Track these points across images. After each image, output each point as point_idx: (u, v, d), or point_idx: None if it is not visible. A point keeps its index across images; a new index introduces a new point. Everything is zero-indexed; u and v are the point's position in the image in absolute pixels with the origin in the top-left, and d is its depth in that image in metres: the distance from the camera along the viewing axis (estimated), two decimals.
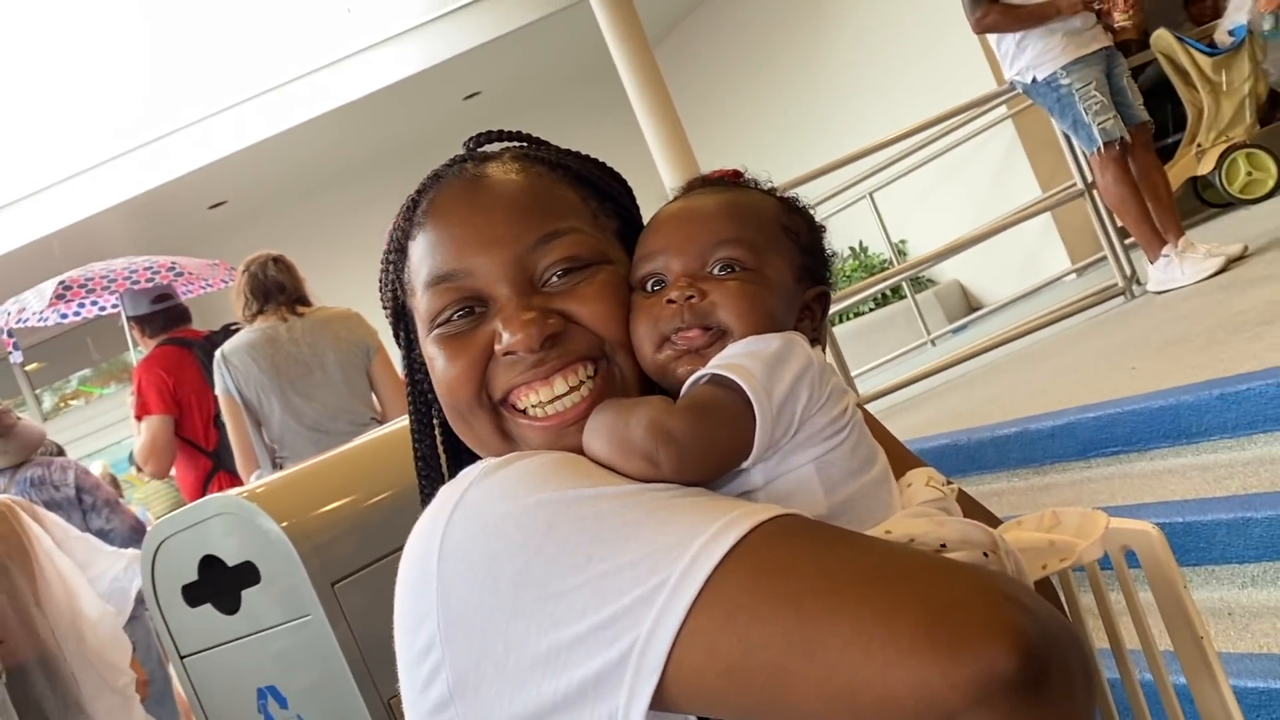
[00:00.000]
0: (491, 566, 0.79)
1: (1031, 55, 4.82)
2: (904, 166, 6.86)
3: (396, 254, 0.99)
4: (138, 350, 4.77)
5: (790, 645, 0.69)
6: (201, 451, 4.36)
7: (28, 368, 11.59)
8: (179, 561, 2.53)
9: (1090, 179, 5.34)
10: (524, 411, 0.92)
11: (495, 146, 1.02)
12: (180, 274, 5.06)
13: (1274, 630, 2.42)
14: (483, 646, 0.79)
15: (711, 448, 0.83)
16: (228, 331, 4.17)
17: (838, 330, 6.14)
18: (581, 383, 0.91)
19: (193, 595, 2.54)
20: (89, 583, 3.21)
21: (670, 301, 0.90)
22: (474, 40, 8.76)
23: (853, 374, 5.36)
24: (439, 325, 0.94)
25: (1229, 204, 6.75)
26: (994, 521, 1.03)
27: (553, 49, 9.25)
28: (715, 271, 0.91)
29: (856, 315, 8.30)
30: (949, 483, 0.90)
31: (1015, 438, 3.59)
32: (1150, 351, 3.89)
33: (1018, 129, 7.28)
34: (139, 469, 4.92)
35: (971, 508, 1.00)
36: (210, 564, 2.48)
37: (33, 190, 8.61)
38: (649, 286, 0.93)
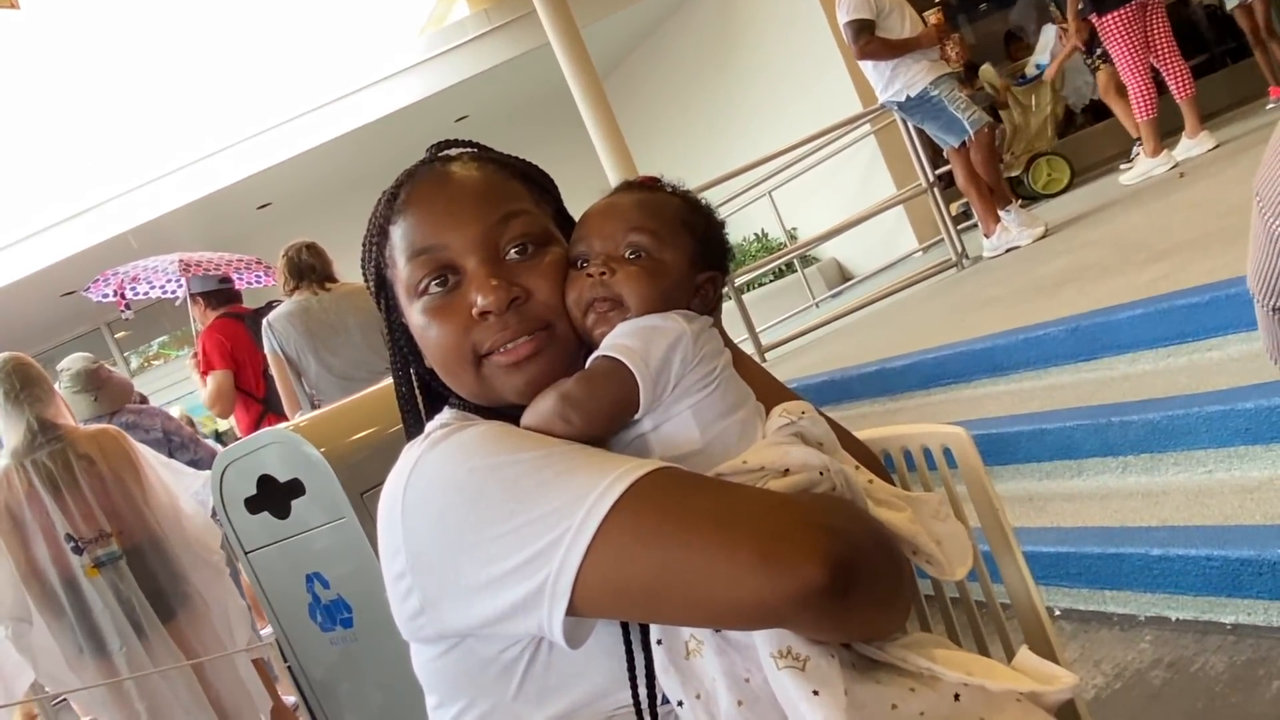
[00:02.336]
0: (441, 518, 0.80)
1: (905, 79, 4.85)
2: (795, 171, 6.86)
3: (379, 236, 0.94)
4: (196, 324, 4.67)
5: (661, 574, 0.72)
6: (254, 398, 4.30)
7: (116, 335, 11.34)
8: (241, 480, 2.51)
9: (931, 180, 5.40)
10: (496, 351, 0.88)
11: (453, 151, 0.98)
12: (269, 269, 4.96)
13: (1061, 510, 2.50)
14: (440, 576, 0.80)
15: (604, 406, 0.83)
16: (269, 307, 4.11)
17: (746, 297, 6.11)
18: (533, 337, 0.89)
19: (253, 505, 2.51)
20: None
21: (589, 275, 0.89)
22: (462, 75, 8.63)
23: (758, 329, 5.38)
24: (421, 295, 0.90)
25: (1034, 198, 6.85)
26: (868, 453, 1.01)
27: (524, 81, 9.11)
28: (626, 255, 0.90)
29: (760, 285, 8.32)
30: (804, 412, 0.88)
31: (875, 374, 3.64)
32: (975, 307, 3.94)
33: (878, 142, 7.31)
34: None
35: (848, 439, 0.99)
36: (266, 481, 2.46)
37: (115, 194, 8.39)
38: (579, 263, 0.91)
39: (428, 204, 0.91)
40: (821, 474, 0.81)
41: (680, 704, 0.77)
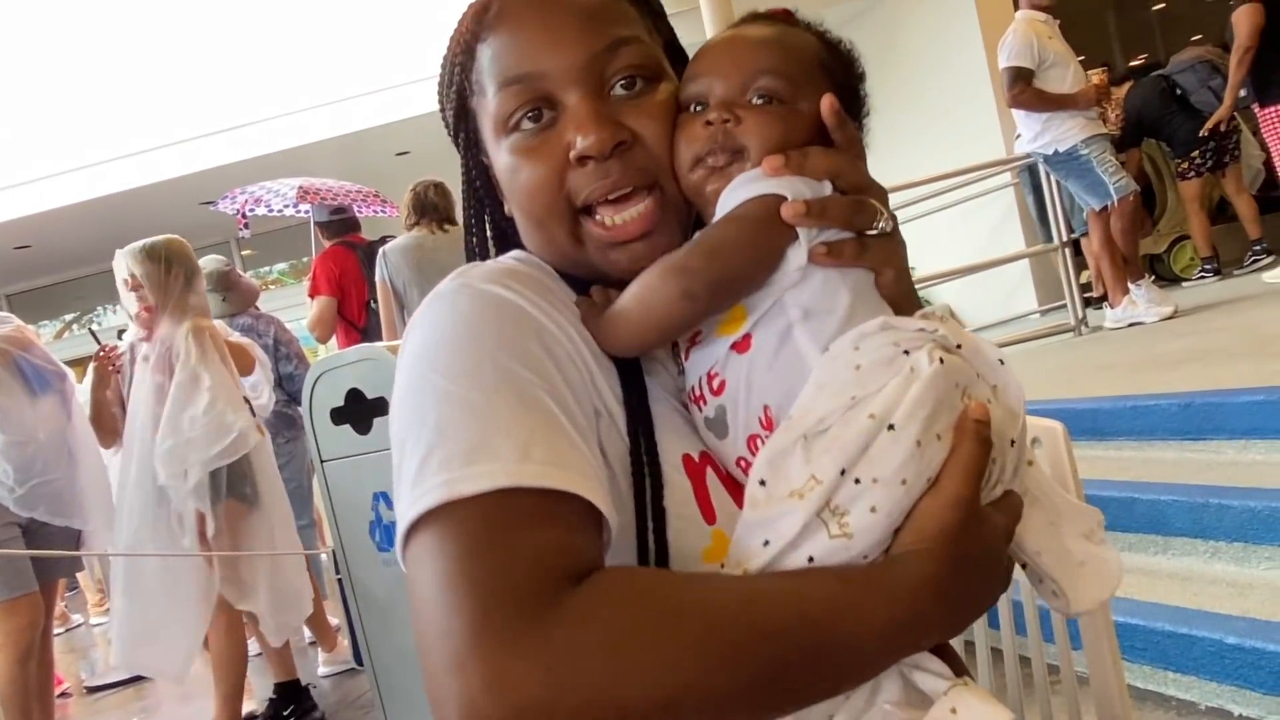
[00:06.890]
0: (397, 400, 0.70)
1: (1055, 132, 4.74)
2: (923, 209, 6.74)
3: (464, 55, 0.80)
4: (315, 247, 4.87)
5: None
6: (355, 327, 4.43)
7: (243, 252, 11.82)
8: (332, 390, 2.59)
9: (1064, 239, 5.24)
10: (600, 222, 0.76)
11: None
12: (385, 202, 5.16)
13: (1137, 585, 2.38)
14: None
15: (726, 267, 0.70)
16: (383, 241, 4.26)
17: None
18: (643, 203, 0.76)
19: (338, 416, 2.59)
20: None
21: (708, 123, 0.74)
22: None
23: None
24: (511, 131, 0.77)
25: (1171, 280, 6.56)
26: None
27: None
28: (753, 100, 0.75)
29: None
30: (943, 319, 0.72)
31: None
32: (1085, 372, 3.82)
33: (1016, 197, 7.12)
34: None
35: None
36: (355, 395, 2.55)
37: (263, 117, 8.82)
38: (692, 107, 0.77)
39: (525, 22, 0.77)
40: (942, 360, 0.65)
41: None
